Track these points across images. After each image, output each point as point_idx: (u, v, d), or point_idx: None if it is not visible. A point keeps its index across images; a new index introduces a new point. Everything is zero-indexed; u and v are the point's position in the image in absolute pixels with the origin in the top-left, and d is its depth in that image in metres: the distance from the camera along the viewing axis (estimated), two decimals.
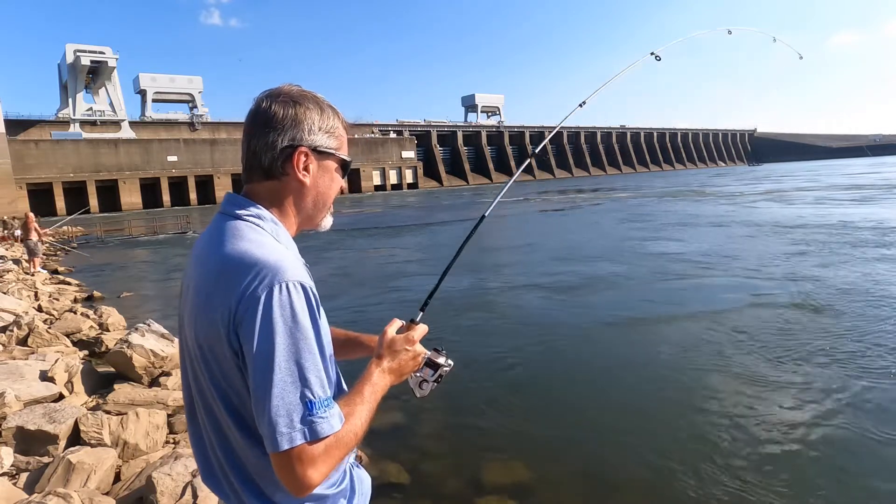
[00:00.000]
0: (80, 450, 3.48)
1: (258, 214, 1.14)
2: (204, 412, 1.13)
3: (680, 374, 5.67)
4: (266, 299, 0.98)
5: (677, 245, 14.33)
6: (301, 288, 1.01)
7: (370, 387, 1.16)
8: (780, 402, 4.85)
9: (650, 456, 4.15)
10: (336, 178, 1.24)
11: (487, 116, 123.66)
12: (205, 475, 1.17)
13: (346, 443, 1.03)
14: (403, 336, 1.27)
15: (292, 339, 0.98)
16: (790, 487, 3.61)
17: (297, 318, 0.99)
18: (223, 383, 1.07)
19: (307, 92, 1.20)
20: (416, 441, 4.52)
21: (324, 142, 1.18)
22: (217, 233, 1.12)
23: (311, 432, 0.97)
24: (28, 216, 14.81)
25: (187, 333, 1.13)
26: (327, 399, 1.01)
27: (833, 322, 6.99)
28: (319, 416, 0.98)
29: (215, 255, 1.07)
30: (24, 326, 6.59)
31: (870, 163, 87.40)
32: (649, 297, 9.02)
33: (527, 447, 4.40)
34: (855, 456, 3.99)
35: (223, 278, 1.03)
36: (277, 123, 1.14)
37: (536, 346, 6.89)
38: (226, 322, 1.01)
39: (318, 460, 0.98)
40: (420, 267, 13.79)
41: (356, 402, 1.10)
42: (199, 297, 1.08)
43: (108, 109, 73.90)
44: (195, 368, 1.13)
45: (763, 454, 4.03)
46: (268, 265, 1.01)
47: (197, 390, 1.14)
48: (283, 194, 1.18)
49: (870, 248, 12.10)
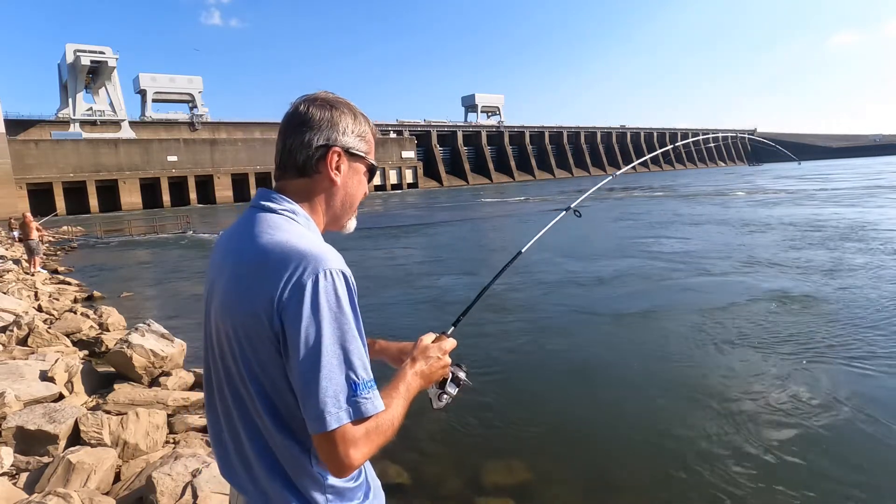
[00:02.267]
0: (80, 450, 3.48)
1: (293, 210, 1.19)
2: (233, 401, 1.16)
3: (682, 373, 5.67)
4: (312, 286, 1.03)
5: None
6: (343, 276, 1.07)
7: (404, 385, 1.22)
8: (784, 402, 4.85)
9: (651, 456, 4.16)
10: (363, 181, 1.31)
11: (487, 116, 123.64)
12: (223, 466, 1.20)
13: (384, 430, 1.08)
14: (437, 345, 1.35)
15: (338, 324, 1.04)
16: (791, 487, 3.61)
17: (342, 304, 1.05)
18: (259, 371, 1.10)
19: (342, 99, 1.28)
20: (416, 441, 4.52)
21: (356, 144, 1.25)
22: (252, 225, 1.16)
23: (357, 411, 1.03)
24: (26, 216, 14.80)
25: (217, 324, 1.17)
26: (370, 380, 1.06)
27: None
28: (364, 397, 1.04)
29: (255, 246, 1.11)
30: (24, 326, 6.59)
31: (885, 161, 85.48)
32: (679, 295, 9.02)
33: (527, 447, 4.40)
34: (862, 455, 3.99)
35: (266, 268, 1.07)
36: (315, 124, 1.21)
37: (536, 345, 6.88)
38: (268, 309, 1.05)
39: (360, 442, 1.03)
40: (428, 268, 13.78)
41: (394, 395, 1.17)
42: (236, 287, 1.11)
43: (108, 109, 73.91)
44: (227, 358, 1.15)
45: (764, 454, 4.02)
46: (311, 254, 1.06)
47: (227, 380, 1.17)
48: (314, 192, 1.24)
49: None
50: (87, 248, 24.04)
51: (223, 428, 1.19)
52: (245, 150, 76.21)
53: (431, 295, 9.86)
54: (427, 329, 1.47)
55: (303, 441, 1.10)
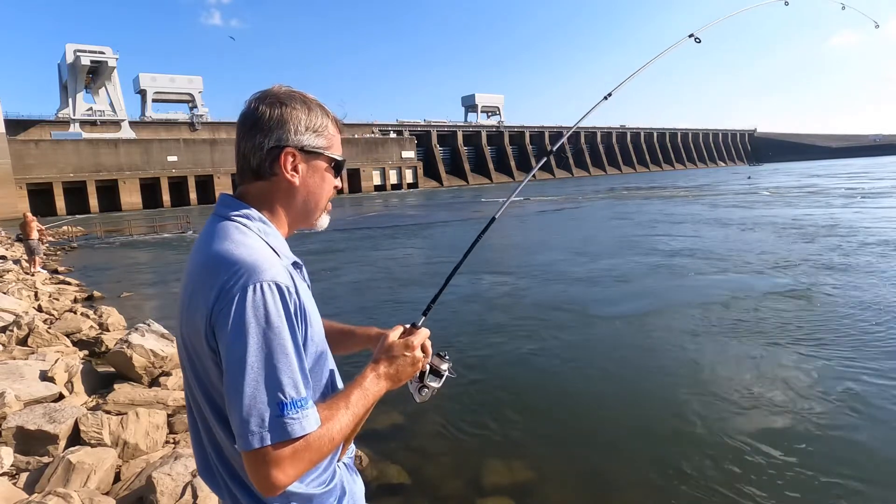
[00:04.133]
0: (80, 450, 3.48)
1: (247, 215, 1.15)
2: (194, 409, 1.16)
3: (682, 373, 5.67)
4: (240, 299, 0.99)
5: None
6: (276, 288, 1.02)
7: (360, 391, 1.15)
8: (786, 403, 4.85)
9: (651, 455, 4.16)
10: (327, 177, 1.24)
11: (487, 116, 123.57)
12: (201, 470, 1.20)
13: (318, 447, 1.02)
14: (402, 342, 1.26)
15: (265, 340, 0.99)
16: (791, 486, 3.61)
17: (270, 318, 0.99)
18: (207, 383, 1.09)
19: (295, 92, 1.20)
20: (416, 442, 4.52)
21: (311, 141, 1.19)
22: (207, 234, 1.14)
23: (281, 433, 0.97)
24: (26, 216, 14.80)
25: (178, 335, 1.16)
26: (301, 399, 1.00)
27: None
28: (290, 417, 0.98)
29: (201, 255, 1.10)
30: (24, 326, 6.59)
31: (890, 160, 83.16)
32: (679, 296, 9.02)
33: (527, 447, 4.40)
34: (863, 457, 3.99)
35: (204, 277, 1.05)
36: (264, 124, 1.15)
37: (536, 345, 6.88)
38: (204, 321, 1.02)
39: (286, 462, 0.97)
40: (422, 268, 13.79)
41: (339, 407, 1.09)
42: (184, 297, 1.10)
43: (108, 109, 73.82)
44: (185, 369, 1.15)
45: (765, 454, 4.02)
46: (244, 265, 1.02)
47: (188, 388, 1.17)
48: (272, 195, 1.19)
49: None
50: (87, 248, 24.04)
51: (198, 432, 1.17)
52: None
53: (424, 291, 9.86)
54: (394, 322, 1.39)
55: None
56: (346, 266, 14.06)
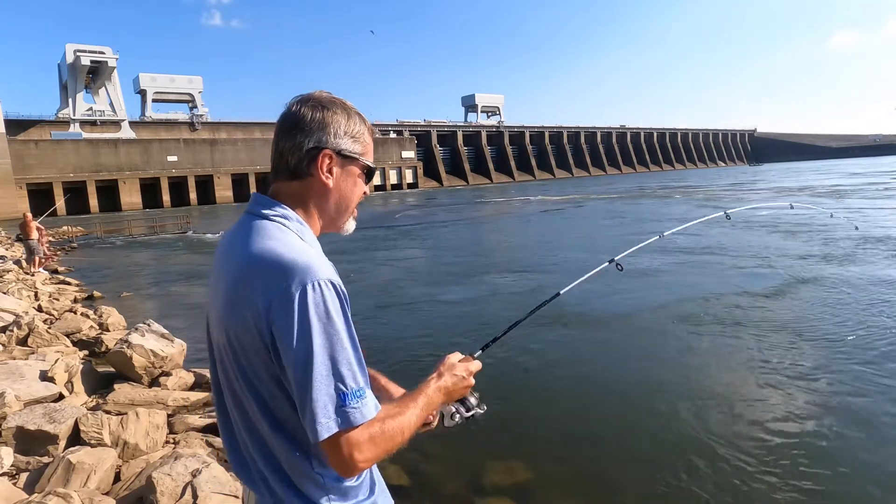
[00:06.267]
0: (80, 450, 3.48)
1: (284, 214, 1.19)
2: (234, 405, 1.19)
3: (683, 372, 5.67)
4: (300, 298, 1.04)
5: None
6: (332, 286, 1.07)
7: (425, 397, 1.24)
8: (788, 402, 4.85)
9: (651, 456, 4.15)
10: (359, 182, 1.29)
11: (487, 116, 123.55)
12: (234, 464, 1.22)
13: (391, 436, 1.10)
14: (464, 364, 1.38)
15: (326, 336, 1.04)
16: (792, 486, 3.61)
17: (331, 315, 1.05)
18: (253, 377, 1.12)
19: (337, 98, 1.25)
20: (416, 441, 4.48)
21: (348, 146, 1.23)
22: (245, 232, 1.17)
23: (345, 421, 1.04)
24: (26, 216, 14.80)
25: (216, 329, 1.19)
26: (359, 389, 1.07)
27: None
28: (352, 407, 1.05)
29: (244, 254, 1.12)
30: (24, 326, 6.59)
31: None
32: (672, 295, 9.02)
33: (527, 447, 4.40)
34: (863, 458, 3.99)
35: (252, 276, 1.09)
36: (305, 126, 1.19)
37: (536, 344, 6.88)
38: (257, 319, 1.06)
39: (364, 446, 1.06)
40: (428, 277, 13.77)
41: (409, 405, 1.18)
42: (229, 294, 1.13)
43: (108, 109, 73.82)
44: (224, 363, 1.18)
45: (765, 454, 4.02)
46: (299, 265, 1.06)
47: (227, 384, 1.19)
48: (307, 195, 1.23)
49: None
50: (87, 247, 24.03)
51: (231, 428, 1.21)
52: (245, 150, 76.04)
53: (432, 300, 9.89)
54: (453, 348, 1.49)
55: (301, 444, 1.12)
56: (345, 266, 14.07)
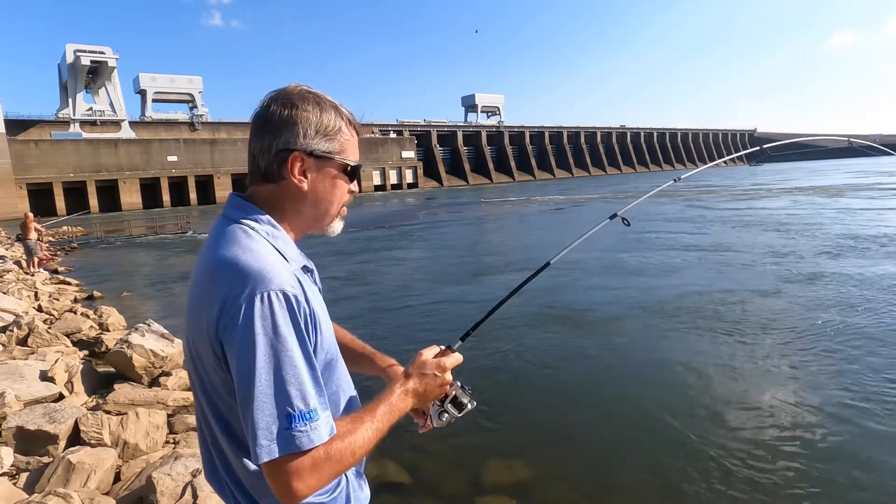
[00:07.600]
0: (80, 450, 3.48)
1: (255, 218, 1.12)
2: (200, 416, 1.16)
3: (683, 372, 5.67)
4: (247, 309, 0.97)
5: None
6: (284, 297, 0.99)
7: (386, 406, 1.13)
8: (788, 403, 4.85)
9: (651, 455, 4.16)
10: (339, 183, 1.20)
11: (487, 116, 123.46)
12: (207, 473, 1.19)
13: (338, 459, 1.00)
14: (436, 361, 1.25)
15: (272, 351, 0.97)
16: (792, 486, 3.61)
17: (279, 329, 0.97)
18: (210, 389, 1.08)
19: (310, 93, 1.16)
20: (416, 440, 4.51)
21: (321, 146, 1.14)
22: (214, 236, 1.12)
23: (289, 445, 0.96)
24: (27, 216, 14.81)
25: (185, 337, 1.15)
26: (309, 412, 0.98)
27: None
28: (298, 430, 0.96)
29: (209, 260, 1.08)
30: (24, 326, 6.59)
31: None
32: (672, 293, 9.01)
33: (527, 447, 4.40)
34: (863, 457, 3.99)
35: (211, 283, 1.03)
36: (273, 125, 1.12)
37: (536, 344, 6.88)
38: (211, 329, 1.01)
39: (305, 473, 0.96)
40: (427, 275, 13.77)
41: (363, 421, 1.08)
42: (195, 301, 1.08)
43: (108, 109, 73.75)
44: (191, 373, 1.14)
45: (765, 454, 4.02)
46: (252, 273, 1.00)
47: (195, 394, 1.16)
48: (281, 198, 1.16)
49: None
50: (87, 247, 24.03)
51: (205, 440, 1.17)
52: (245, 150, 72.70)
53: (429, 300, 9.89)
54: (430, 341, 1.38)
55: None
56: (346, 267, 14.07)
